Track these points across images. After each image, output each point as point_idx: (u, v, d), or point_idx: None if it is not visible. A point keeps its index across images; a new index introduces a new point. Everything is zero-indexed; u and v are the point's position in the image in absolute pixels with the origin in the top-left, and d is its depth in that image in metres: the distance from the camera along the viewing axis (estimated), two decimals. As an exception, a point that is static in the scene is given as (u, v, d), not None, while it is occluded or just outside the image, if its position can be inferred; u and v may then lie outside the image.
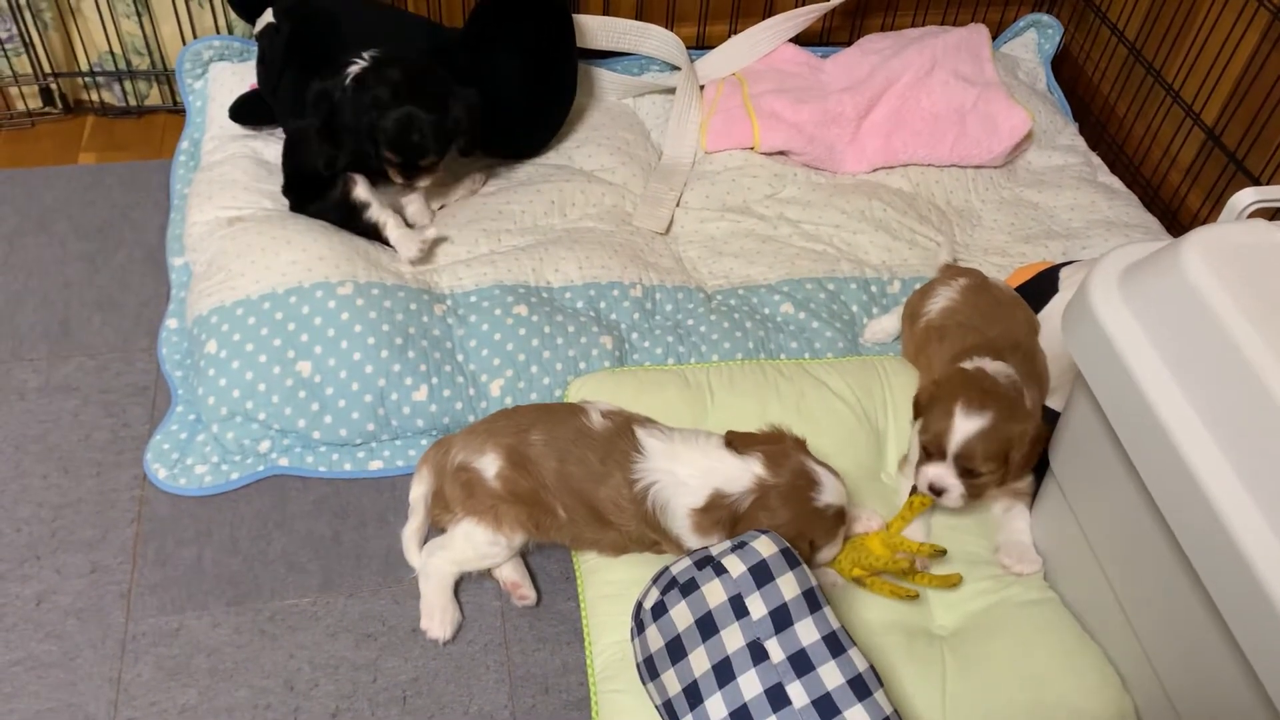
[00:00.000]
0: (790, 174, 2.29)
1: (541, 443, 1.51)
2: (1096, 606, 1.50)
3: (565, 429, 1.52)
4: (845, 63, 2.51)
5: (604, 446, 1.50)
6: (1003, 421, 1.52)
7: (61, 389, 1.84)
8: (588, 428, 1.52)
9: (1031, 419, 1.55)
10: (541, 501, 1.51)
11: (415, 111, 1.87)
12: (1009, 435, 1.52)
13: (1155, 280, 1.21)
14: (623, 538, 1.53)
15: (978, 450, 1.52)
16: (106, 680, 1.49)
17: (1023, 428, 1.53)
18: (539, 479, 1.50)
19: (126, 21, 2.31)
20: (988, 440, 1.52)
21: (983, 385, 1.56)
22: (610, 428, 1.52)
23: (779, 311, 1.99)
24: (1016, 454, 1.53)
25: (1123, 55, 2.54)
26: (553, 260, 1.99)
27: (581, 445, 1.50)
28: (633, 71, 2.53)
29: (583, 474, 1.49)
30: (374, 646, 1.55)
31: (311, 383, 1.75)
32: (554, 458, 1.50)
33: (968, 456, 1.53)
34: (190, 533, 1.66)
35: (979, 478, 1.54)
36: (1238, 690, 1.18)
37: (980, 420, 1.52)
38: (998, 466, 1.54)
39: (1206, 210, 2.29)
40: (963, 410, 1.53)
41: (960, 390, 1.55)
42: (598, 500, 1.49)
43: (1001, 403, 1.53)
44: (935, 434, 1.55)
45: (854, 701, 1.23)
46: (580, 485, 1.50)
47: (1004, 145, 2.35)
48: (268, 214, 1.98)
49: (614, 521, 1.50)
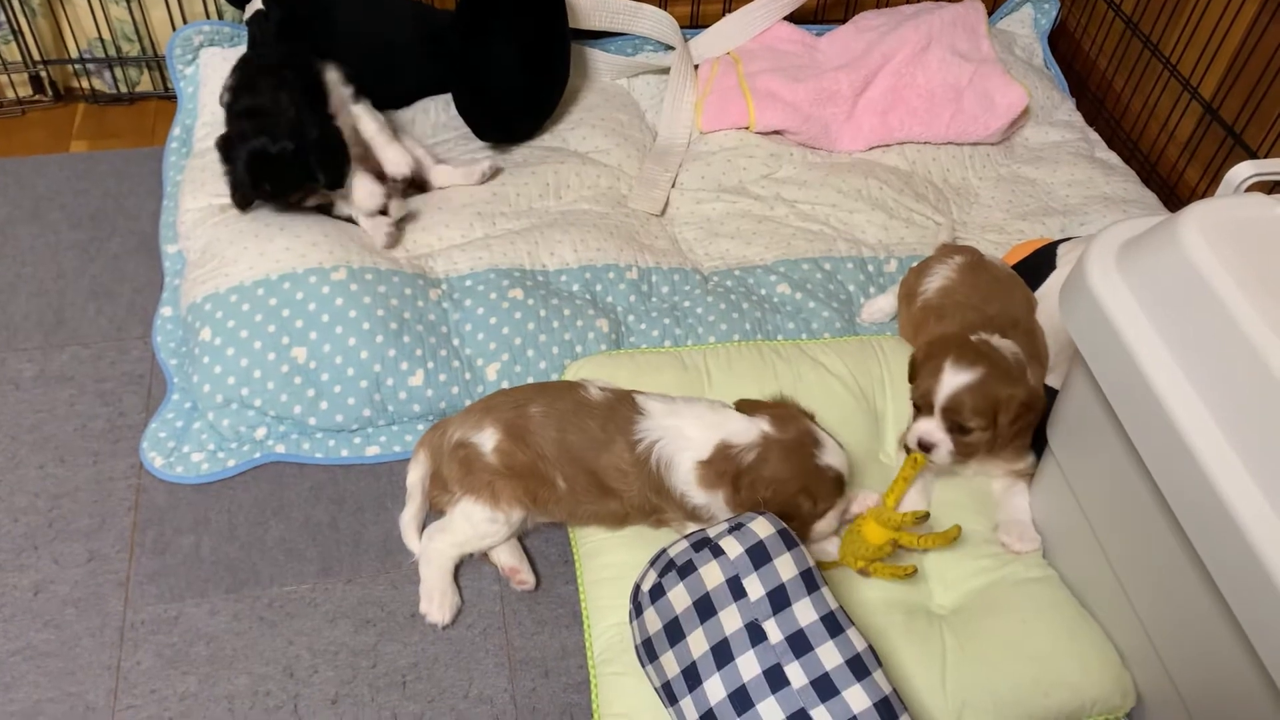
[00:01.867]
0: (786, 153, 2.28)
1: (540, 414, 1.52)
2: (1095, 583, 1.50)
3: (564, 401, 1.54)
4: (840, 40, 2.49)
5: (604, 414, 1.52)
6: (992, 380, 1.52)
7: (57, 378, 1.83)
8: (587, 399, 1.54)
9: (1023, 384, 1.54)
10: (540, 474, 1.51)
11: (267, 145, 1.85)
12: (997, 395, 1.52)
13: (1153, 255, 1.20)
14: (624, 506, 1.53)
15: (965, 404, 1.52)
16: (106, 669, 1.49)
17: (1011, 391, 1.52)
18: (538, 450, 1.51)
19: (116, 7, 2.30)
20: (975, 395, 1.52)
21: (976, 346, 1.56)
22: (610, 398, 1.54)
23: (776, 292, 1.98)
24: (1004, 416, 1.52)
25: (1119, 29, 2.52)
26: (548, 243, 1.98)
27: (581, 414, 1.52)
28: (626, 52, 2.52)
29: (583, 442, 1.50)
30: (373, 632, 1.55)
31: (307, 369, 1.74)
32: (553, 428, 1.51)
33: (954, 410, 1.53)
34: (188, 521, 1.66)
35: (968, 434, 1.54)
36: (1237, 665, 1.18)
37: (969, 375, 1.52)
38: (986, 424, 1.53)
39: (1205, 184, 2.28)
40: (952, 365, 1.53)
41: (953, 348, 1.56)
42: (599, 467, 1.50)
43: (993, 363, 1.53)
44: (925, 390, 1.56)
45: (853, 681, 1.22)
46: (581, 454, 1.50)
47: (1001, 122, 2.33)
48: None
49: (616, 488, 1.51)
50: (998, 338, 1.60)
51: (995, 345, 1.57)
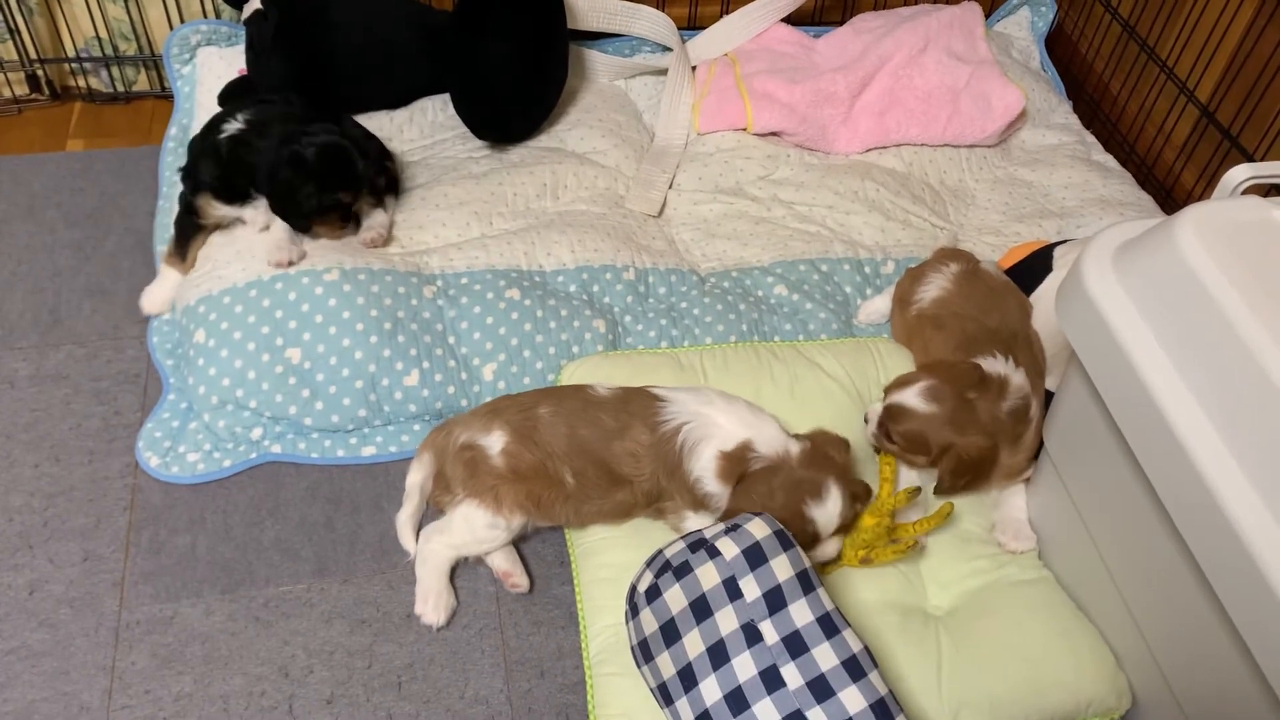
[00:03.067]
0: (783, 155, 2.28)
1: (550, 414, 1.54)
2: (1091, 585, 1.50)
3: (572, 401, 1.56)
4: (838, 42, 2.49)
5: (616, 406, 1.54)
6: (937, 423, 1.54)
7: (52, 377, 1.83)
8: (595, 396, 1.57)
9: (972, 440, 1.54)
10: (546, 473, 1.52)
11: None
12: (934, 437, 1.54)
13: (1149, 258, 1.20)
14: (631, 494, 1.54)
15: (900, 421, 1.56)
16: (101, 669, 1.49)
17: (952, 440, 1.53)
18: (547, 448, 1.52)
19: (113, 6, 2.29)
20: (911, 421, 1.55)
21: (961, 392, 1.56)
22: (619, 392, 1.57)
23: (772, 293, 1.98)
24: (943, 465, 1.55)
25: (1116, 32, 2.52)
26: (545, 243, 1.98)
27: (591, 410, 1.54)
28: (624, 53, 2.52)
29: (595, 434, 1.52)
30: (368, 632, 1.55)
31: (301, 369, 1.74)
32: (564, 424, 1.53)
33: (891, 417, 1.57)
34: (183, 520, 1.66)
35: (892, 443, 1.58)
36: (1232, 667, 1.18)
37: (925, 405, 1.54)
38: (912, 450, 1.56)
39: (1201, 187, 2.28)
40: (920, 389, 1.56)
41: (939, 376, 1.58)
42: (610, 455, 1.51)
43: (956, 410, 1.54)
44: (895, 384, 1.60)
45: (849, 683, 1.22)
46: (592, 445, 1.52)
47: (998, 124, 2.34)
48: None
49: (626, 474, 1.52)
50: (1012, 370, 1.60)
51: (987, 400, 1.57)
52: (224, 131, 1.83)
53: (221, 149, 1.82)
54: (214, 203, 1.86)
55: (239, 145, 1.82)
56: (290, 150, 1.77)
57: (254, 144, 1.81)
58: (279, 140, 1.79)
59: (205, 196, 1.85)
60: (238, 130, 1.83)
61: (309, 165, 1.78)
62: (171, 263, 1.89)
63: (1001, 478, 1.62)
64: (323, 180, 1.79)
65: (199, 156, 1.86)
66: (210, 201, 1.86)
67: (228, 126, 1.83)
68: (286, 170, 1.77)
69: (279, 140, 1.79)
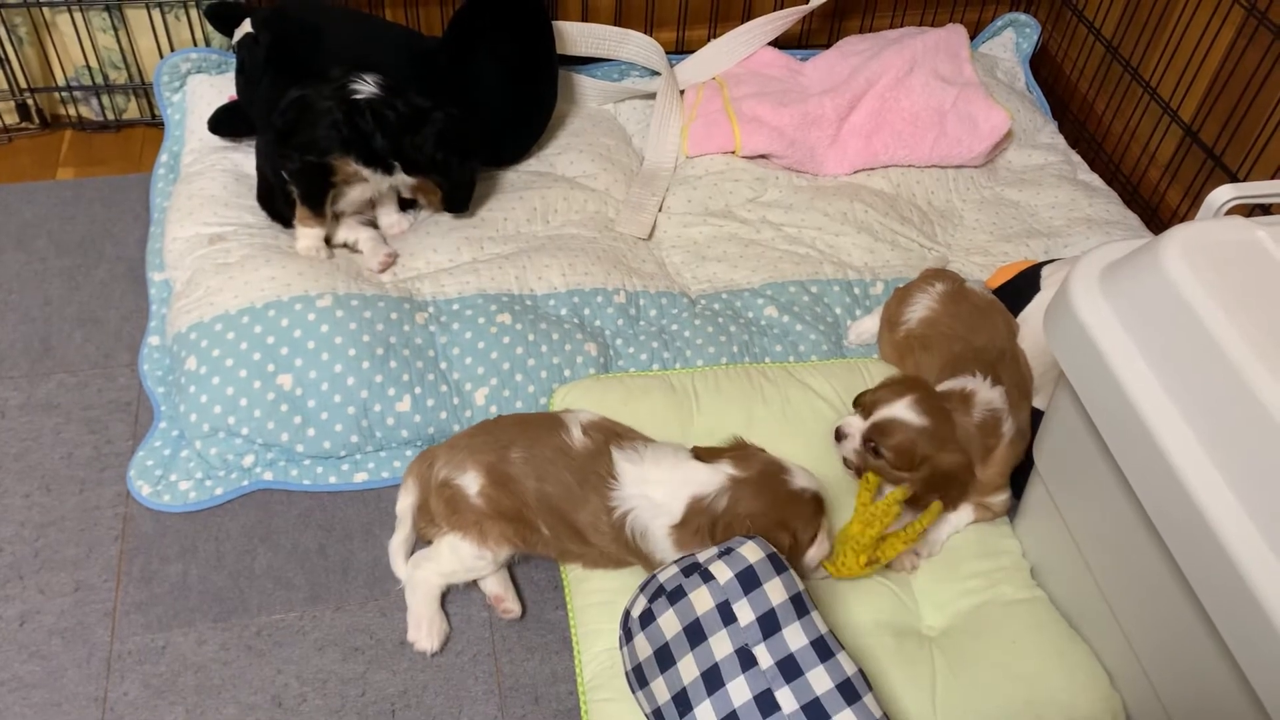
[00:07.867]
0: (772, 177, 2.29)
1: (521, 460, 1.51)
2: (1084, 604, 1.50)
3: (544, 447, 1.51)
4: (825, 65, 2.52)
5: (581, 469, 1.49)
6: (928, 437, 1.54)
7: (43, 406, 1.82)
8: (567, 445, 1.51)
9: (952, 456, 1.55)
10: (525, 519, 1.51)
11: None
12: (922, 450, 1.54)
13: (1135, 278, 1.21)
14: (604, 556, 1.53)
15: (893, 435, 1.55)
16: (92, 700, 1.48)
17: (939, 455, 1.54)
18: (521, 498, 1.50)
19: (103, 35, 2.30)
20: (906, 434, 1.54)
21: (946, 408, 1.57)
22: (589, 446, 1.51)
23: (763, 315, 1.99)
24: (920, 473, 1.55)
25: (1100, 53, 2.55)
26: (536, 267, 1.98)
27: (559, 465, 1.50)
28: (613, 77, 2.53)
29: (561, 494, 1.49)
30: (362, 659, 1.54)
31: (293, 396, 1.74)
32: (533, 477, 1.50)
33: (881, 431, 1.56)
34: (175, 549, 1.65)
35: (879, 459, 1.57)
36: (1224, 685, 1.18)
37: (916, 418, 1.54)
38: (900, 465, 1.55)
39: (1186, 206, 2.30)
40: (912, 401, 1.55)
41: (931, 392, 1.58)
42: (577, 521, 1.50)
43: (941, 425, 1.55)
44: (877, 399, 1.59)
45: (843, 706, 1.22)
46: (559, 505, 1.49)
47: (984, 145, 2.35)
48: (250, 233, 1.97)
49: (594, 542, 1.51)
50: (988, 387, 1.60)
51: (963, 417, 1.58)
52: (359, 94, 1.87)
53: (364, 110, 1.87)
54: (349, 161, 1.90)
55: (382, 106, 1.88)
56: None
57: (396, 108, 1.88)
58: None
59: (338, 155, 1.89)
60: (373, 94, 1.88)
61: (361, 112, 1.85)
62: (311, 223, 1.95)
63: (975, 494, 1.62)
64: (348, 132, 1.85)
65: (327, 119, 1.87)
66: (346, 160, 1.90)
67: (361, 88, 1.87)
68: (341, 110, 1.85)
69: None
